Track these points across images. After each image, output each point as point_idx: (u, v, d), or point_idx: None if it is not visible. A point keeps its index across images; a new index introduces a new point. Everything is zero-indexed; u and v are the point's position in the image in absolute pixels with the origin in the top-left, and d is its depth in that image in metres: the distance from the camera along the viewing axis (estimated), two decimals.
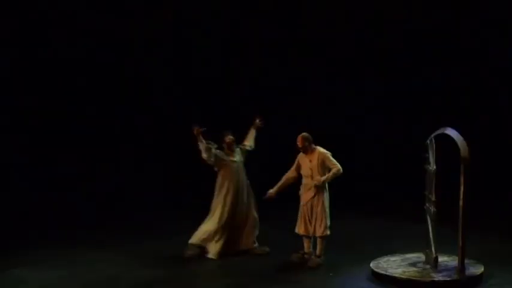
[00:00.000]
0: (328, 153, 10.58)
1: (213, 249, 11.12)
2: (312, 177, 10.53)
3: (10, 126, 15.57)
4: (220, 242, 11.10)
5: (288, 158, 11.01)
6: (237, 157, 11.29)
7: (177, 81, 16.64)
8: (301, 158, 10.69)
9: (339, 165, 10.52)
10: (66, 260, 11.15)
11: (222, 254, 11.07)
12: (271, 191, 10.83)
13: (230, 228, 11.15)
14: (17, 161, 15.49)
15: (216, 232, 11.11)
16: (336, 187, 10.87)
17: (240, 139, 11.52)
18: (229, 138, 11.25)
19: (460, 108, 15.85)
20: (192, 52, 16.72)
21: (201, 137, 10.95)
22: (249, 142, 11.57)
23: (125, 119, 16.42)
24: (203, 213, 11.46)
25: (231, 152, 11.25)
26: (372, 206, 14.55)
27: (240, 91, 16.66)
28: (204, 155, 11.02)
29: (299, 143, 10.59)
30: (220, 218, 11.12)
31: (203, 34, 16.65)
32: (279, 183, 10.84)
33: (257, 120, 11.60)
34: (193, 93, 16.66)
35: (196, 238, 11.20)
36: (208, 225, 11.17)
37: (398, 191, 14.74)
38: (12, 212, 14.09)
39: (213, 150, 11.07)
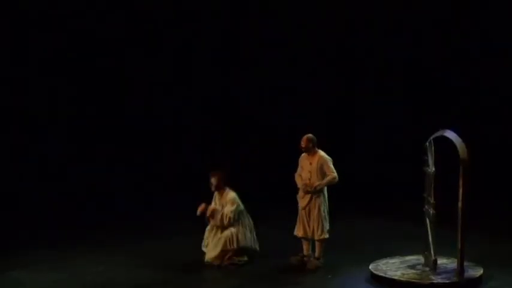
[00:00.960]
0: (329, 159, 10.48)
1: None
2: (310, 180, 10.48)
3: (9, 126, 15.57)
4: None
5: (288, 158, 10.99)
6: (217, 203, 10.82)
7: (177, 81, 16.62)
8: (303, 159, 10.60)
9: (335, 174, 10.42)
10: (66, 261, 11.15)
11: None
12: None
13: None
14: (17, 160, 15.50)
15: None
16: (336, 187, 10.83)
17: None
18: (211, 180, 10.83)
19: (460, 109, 15.85)
20: (192, 52, 16.70)
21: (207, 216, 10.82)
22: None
23: (126, 118, 16.40)
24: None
25: (218, 194, 10.86)
26: (372, 206, 14.53)
27: (239, 91, 16.65)
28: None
29: (303, 143, 10.48)
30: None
31: (203, 34, 16.63)
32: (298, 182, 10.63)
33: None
34: (193, 93, 16.65)
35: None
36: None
37: (398, 191, 14.71)
38: (12, 212, 14.09)
39: None
